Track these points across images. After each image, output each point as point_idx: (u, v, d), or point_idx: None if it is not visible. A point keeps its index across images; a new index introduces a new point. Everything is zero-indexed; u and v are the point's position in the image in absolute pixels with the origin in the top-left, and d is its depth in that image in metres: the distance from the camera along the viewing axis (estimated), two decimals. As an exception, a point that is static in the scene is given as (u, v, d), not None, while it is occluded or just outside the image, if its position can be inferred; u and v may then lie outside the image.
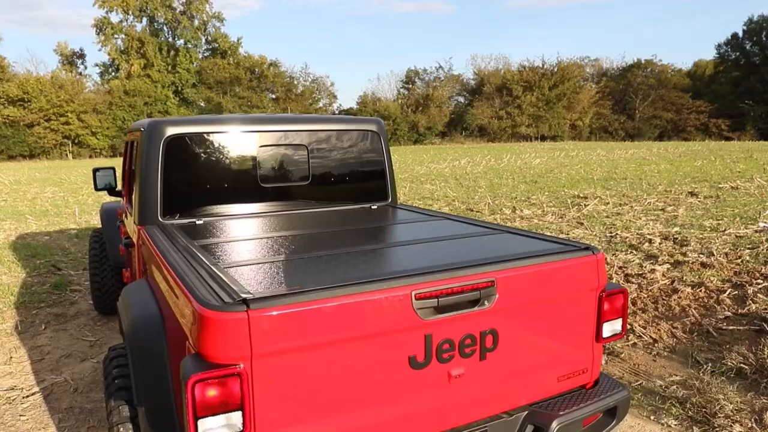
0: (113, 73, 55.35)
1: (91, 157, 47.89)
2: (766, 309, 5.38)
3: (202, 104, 54.79)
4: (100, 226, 5.63)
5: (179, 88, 54.77)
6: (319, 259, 2.32)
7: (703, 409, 3.72)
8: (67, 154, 47.13)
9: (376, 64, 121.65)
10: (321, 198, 3.74)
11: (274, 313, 1.72)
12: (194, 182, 3.34)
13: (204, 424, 1.66)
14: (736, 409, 3.69)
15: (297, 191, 3.64)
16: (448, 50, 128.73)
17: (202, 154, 3.35)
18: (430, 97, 59.82)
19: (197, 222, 3.26)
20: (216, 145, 3.38)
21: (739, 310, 5.50)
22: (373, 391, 1.95)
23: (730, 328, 5.08)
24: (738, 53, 62.34)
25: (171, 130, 3.22)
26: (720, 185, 15.11)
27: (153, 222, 3.19)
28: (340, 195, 3.82)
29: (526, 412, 2.30)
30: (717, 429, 3.51)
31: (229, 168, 3.43)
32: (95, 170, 4.83)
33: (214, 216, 3.36)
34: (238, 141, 3.45)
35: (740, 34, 61.82)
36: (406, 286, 1.94)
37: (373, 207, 3.86)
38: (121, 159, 4.64)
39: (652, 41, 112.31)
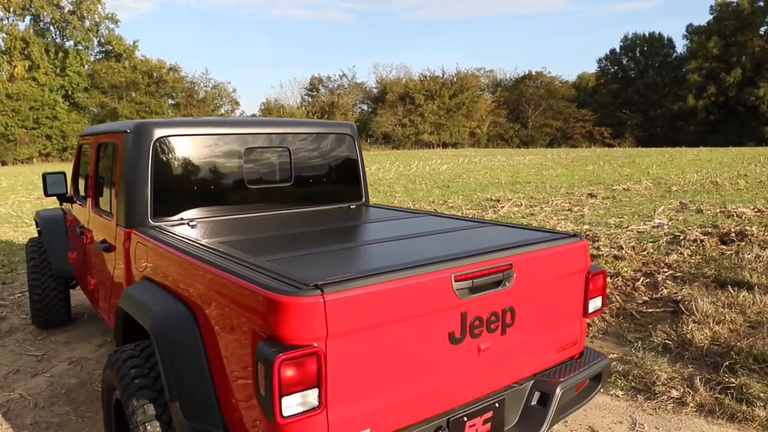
0: (-7, 75, 50.76)
1: (-32, 165, 43.65)
2: (676, 293, 6.11)
3: (95, 110, 51.52)
4: (4, 237, 5.32)
5: (69, 92, 51.04)
6: (350, 251, 2.49)
7: (643, 380, 4.22)
8: (-61, 162, 42.66)
9: (279, 70, 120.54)
10: (303, 198, 3.86)
11: (345, 295, 1.88)
12: (183, 184, 3.35)
13: (286, 402, 1.78)
14: (669, 378, 4.23)
15: (280, 192, 3.75)
16: (350, 59, 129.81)
17: (191, 156, 3.37)
18: (336, 105, 60.24)
19: (191, 223, 3.28)
20: (204, 147, 3.42)
21: (654, 295, 6.20)
22: (419, 365, 2.15)
23: (650, 310, 5.72)
24: (616, 67, 68.11)
25: (159, 132, 3.22)
26: (613, 187, 16.55)
27: (142, 224, 3.17)
28: (320, 195, 3.97)
29: (533, 381, 2.60)
30: (658, 395, 4.01)
31: (217, 170, 3.48)
32: (45, 175, 4.61)
33: (206, 217, 3.39)
34: (226, 143, 3.50)
35: (618, 49, 67.62)
36: (447, 270, 2.16)
37: (351, 206, 4.05)
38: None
39: (541, 54, 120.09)
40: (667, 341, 4.90)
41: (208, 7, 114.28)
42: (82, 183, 4.67)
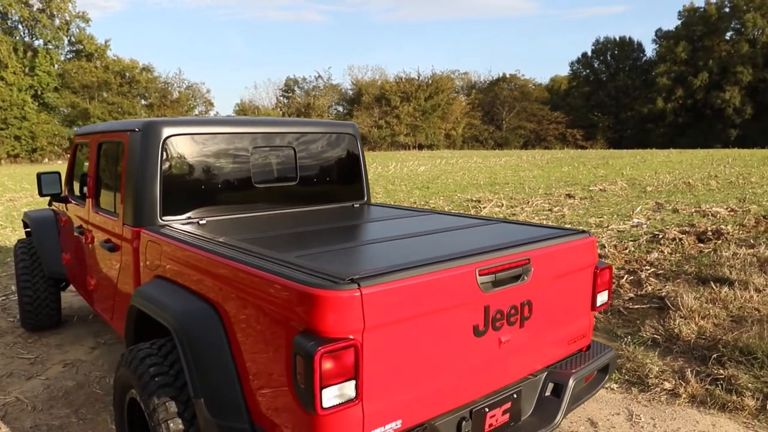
0: (-41, 74, 49.22)
1: (-69, 167, 42.31)
2: (660, 289, 6.29)
3: (66, 110, 50.43)
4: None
5: (39, 92, 49.79)
6: (372, 247, 2.54)
7: (636, 373, 4.35)
8: None
9: (253, 71, 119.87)
10: (308, 197, 3.89)
11: (380, 289, 1.93)
12: (191, 183, 3.35)
13: (325, 393, 1.82)
14: (661, 371, 4.36)
15: (286, 191, 3.77)
16: (325, 60, 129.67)
17: (199, 155, 3.37)
18: (311, 106, 60.16)
19: (201, 222, 3.29)
20: (212, 145, 3.43)
21: (639, 292, 6.36)
22: (446, 358, 2.21)
23: (636, 306, 5.88)
24: (588, 70, 69.39)
25: (168, 131, 3.22)
26: (590, 188, 16.86)
27: (152, 223, 3.16)
28: (325, 194, 4.00)
29: (546, 373, 2.68)
30: (651, 387, 4.14)
31: (224, 168, 3.49)
32: (40, 175, 4.54)
33: (214, 216, 3.39)
34: (233, 142, 3.51)
35: (589, 53, 68.88)
36: (473, 264, 2.23)
37: (355, 205, 4.09)
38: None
39: (515, 57, 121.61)
40: (655, 336, 5.05)
41: (180, 6, 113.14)
42: (76, 183, 4.63)
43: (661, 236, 8.96)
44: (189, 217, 3.31)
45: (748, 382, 4.10)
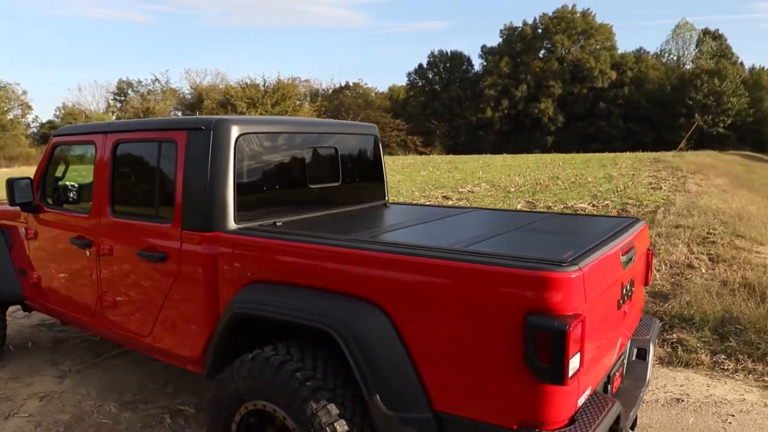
0: None
1: None
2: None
3: None
4: None
5: None
6: (512, 235, 2.75)
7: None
8: None
9: (76, 72, 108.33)
10: (349, 197, 3.92)
11: (593, 267, 2.18)
12: (260, 183, 3.23)
13: (570, 365, 2.00)
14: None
15: (333, 191, 3.77)
16: (157, 63, 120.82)
17: (266, 155, 3.26)
18: (152, 111, 56.27)
19: (277, 223, 3.18)
20: (276, 146, 3.33)
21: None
22: (606, 328, 2.50)
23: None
24: (424, 81, 73.78)
25: (240, 129, 3.07)
26: (459, 190, 18.13)
27: (223, 226, 3.00)
28: (360, 194, 4.06)
29: (631, 339, 3.08)
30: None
31: (287, 169, 3.41)
32: (12, 181, 3.93)
33: (283, 216, 3.29)
34: (293, 142, 3.45)
35: (425, 64, 73.30)
36: (618, 245, 2.57)
37: (387, 204, 4.20)
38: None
39: (354, 66, 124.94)
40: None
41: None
42: (55, 188, 4.14)
43: (552, 230, 10.06)
44: (261, 219, 3.19)
45: (697, 343, 4.93)
